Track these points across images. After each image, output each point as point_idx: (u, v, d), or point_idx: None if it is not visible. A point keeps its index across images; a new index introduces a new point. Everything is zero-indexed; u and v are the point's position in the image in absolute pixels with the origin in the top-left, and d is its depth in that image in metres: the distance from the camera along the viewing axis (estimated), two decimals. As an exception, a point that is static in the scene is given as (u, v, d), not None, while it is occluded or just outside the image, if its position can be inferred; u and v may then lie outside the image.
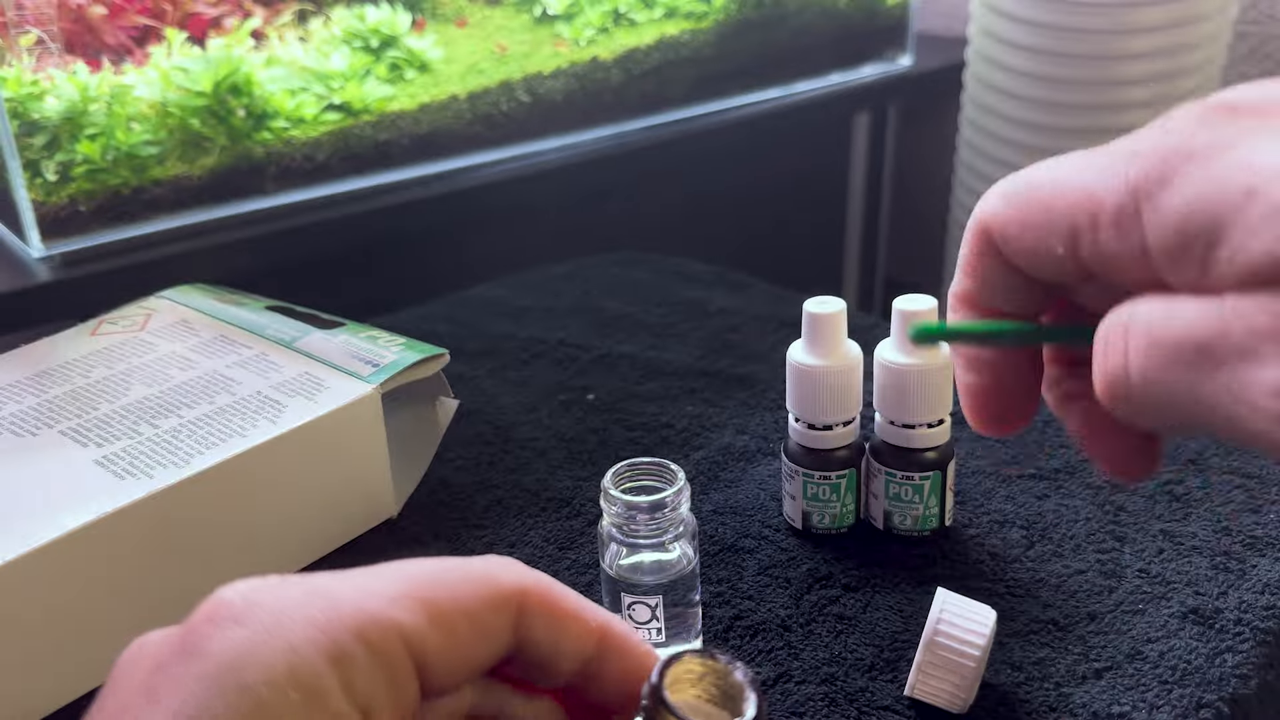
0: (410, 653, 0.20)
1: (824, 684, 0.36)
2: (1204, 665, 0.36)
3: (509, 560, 0.22)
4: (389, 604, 0.20)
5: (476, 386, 0.54)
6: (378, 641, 0.19)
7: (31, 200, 0.63)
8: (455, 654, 0.20)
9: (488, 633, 0.21)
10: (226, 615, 0.19)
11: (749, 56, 0.87)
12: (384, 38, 0.74)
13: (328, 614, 0.19)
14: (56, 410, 0.42)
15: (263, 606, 0.19)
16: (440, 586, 0.20)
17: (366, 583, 0.20)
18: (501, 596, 0.21)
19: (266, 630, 0.19)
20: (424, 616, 0.20)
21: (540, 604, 0.21)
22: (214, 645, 0.18)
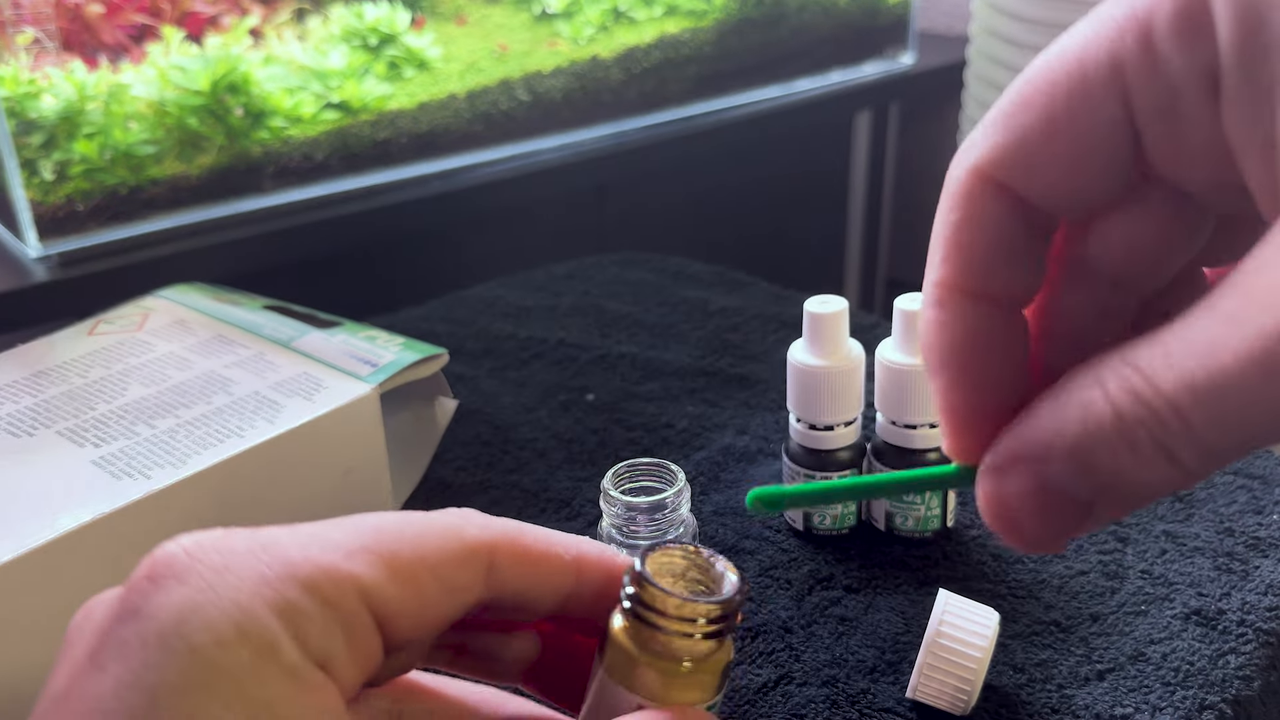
0: (369, 606, 0.19)
1: (825, 686, 0.35)
2: (1207, 667, 0.35)
3: (472, 512, 0.22)
4: (344, 557, 0.19)
5: (476, 386, 0.54)
6: (331, 594, 0.18)
7: (29, 200, 0.63)
8: (419, 608, 0.20)
9: (454, 587, 0.20)
10: (167, 572, 0.18)
11: (750, 55, 0.87)
12: (382, 36, 0.73)
13: (275, 568, 0.18)
14: (53, 410, 0.41)
15: (205, 562, 0.18)
16: (401, 540, 0.20)
17: (321, 534, 0.19)
18: (468, 550, 0.20)
19: (210, 586, 0.18)
20: (383, 570, 0.19)
21: (510, 554, 0.21)
22: (156, 605, 0.18)
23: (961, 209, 0.19)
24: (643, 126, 0.83)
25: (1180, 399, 0.15)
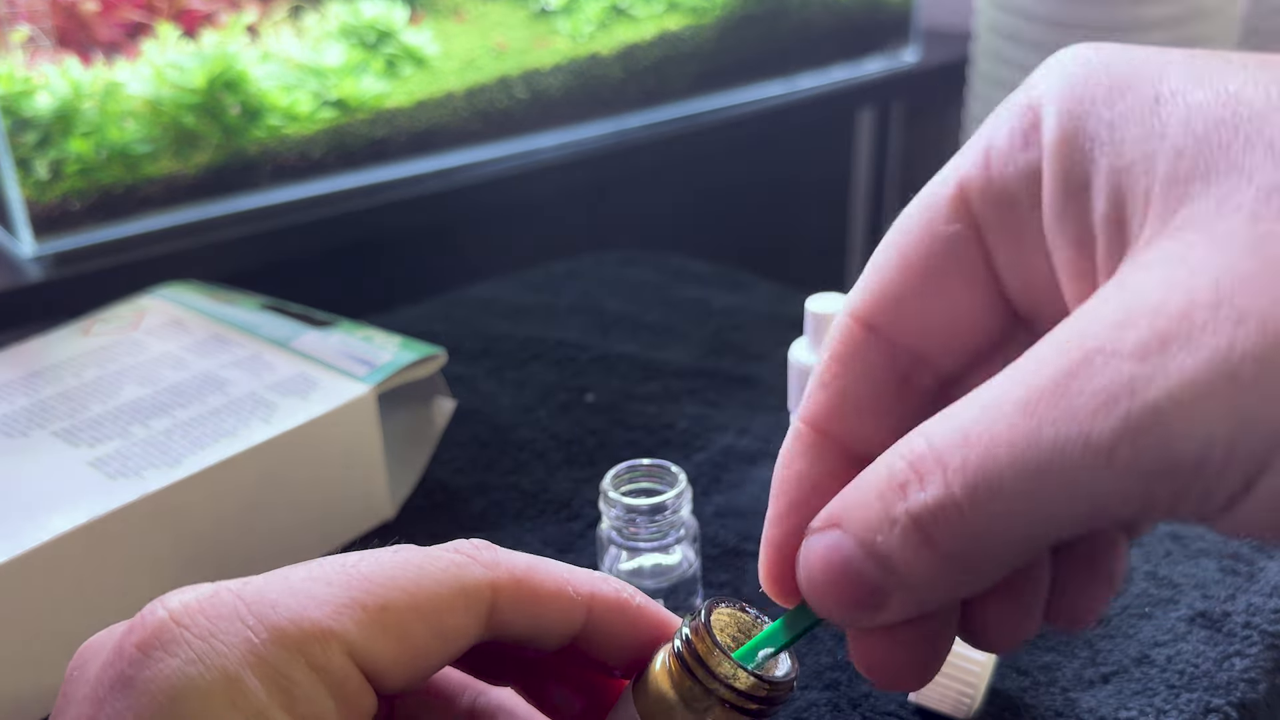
0: (359, 664, 0.19)
1: (828, 689, 0.35)
2: (1212, 669, 0.35)
3: (479, 546, 0.21)
4: (332, 614, 0.19)
5: (474, 387, 0.53)
6: (318, 658, 0.18)
7: (24, 198, 0.63)
8: (411, 660, 0.19)
9: (447, 633, 0.20)
10: (155, 642, 0.18)
11: (751, 51, 0.87)
12: (380, 32, 0.73)
13: (261, 634, 0.18)
14: (48, 411, 0.41)
15: (193, 630, 0.18)
16: (394, 589, 0.19)
17: (308, 589, 0.19)
18: (466, 596, 0.20)
19: (199, 657, 0.18)
20: (373, 625, 0.19)
21: (514, 597, 0.20)
22: (147, 678, 0.18)
23: (833, 350, 0.19)
24: (643, 124, 0.83)
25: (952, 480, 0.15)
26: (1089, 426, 0.14)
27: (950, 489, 0.15)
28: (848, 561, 0.17)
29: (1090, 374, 0.14)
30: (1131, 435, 0.14)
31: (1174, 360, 0.14)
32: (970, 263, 0.18)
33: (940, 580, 0.16)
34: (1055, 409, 0.14)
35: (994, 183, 0.18)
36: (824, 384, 0.20)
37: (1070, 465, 0.14)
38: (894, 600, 0.17)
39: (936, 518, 0.16)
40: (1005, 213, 0.18)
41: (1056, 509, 0.15)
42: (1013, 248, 0.18)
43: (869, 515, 0.17)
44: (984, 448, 0.15)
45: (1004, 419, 0.15)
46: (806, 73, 0.90)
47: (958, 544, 0.16)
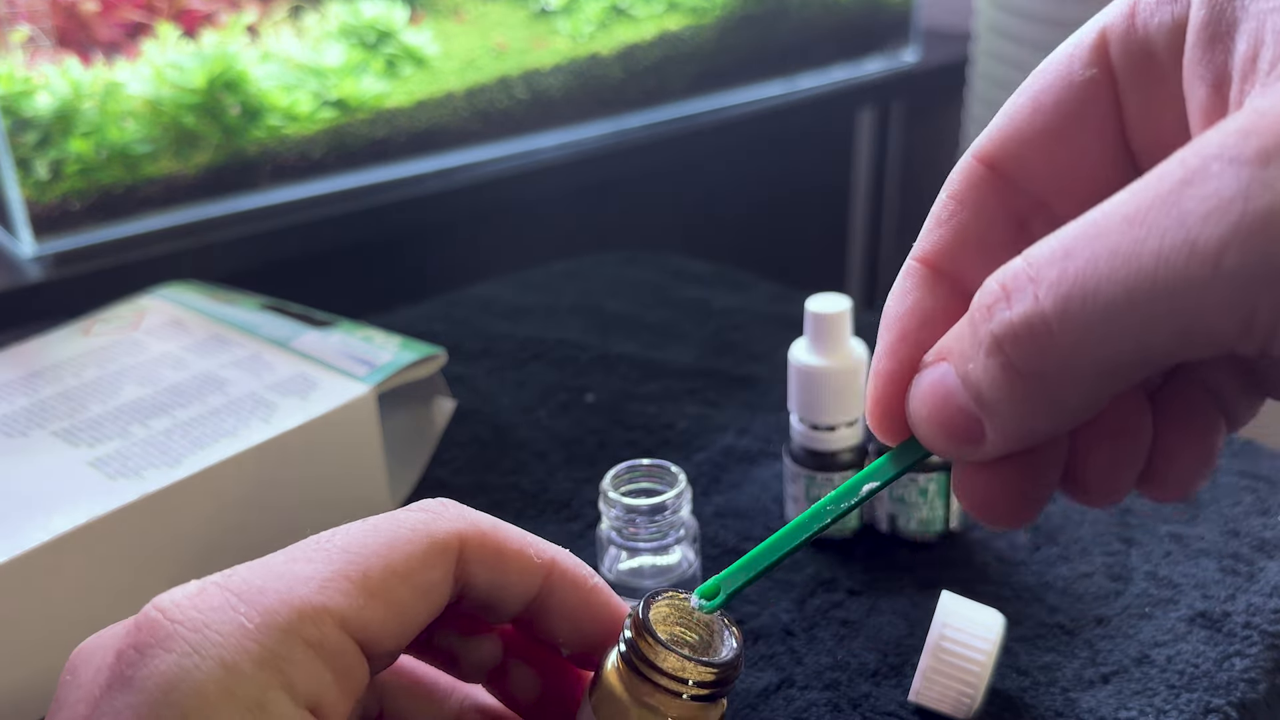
0: (351, 635, 0.19)
1: (828, 689, 0.35)
2: (1212, 669, 0.35)
3: (445, 503, 0.21)
4: (319, 590, 0.19)
5: (474, 387, 0.53)
6: (312, 635, 0.18)
7: (24, 198, 0.63)
8: (398, 622, 0.20)
9: (428, 590, 0.20)
10: (151, 640, 0.18)
11: (751, 52, 0.87)
12: (380, 32, 0.73)
13: (254, 619, 0.18)
14: (48, 411, 0.41)
15: (186, 624, 0.18)
16: (370, 555, 0.19)
17: (291, 570, 0.19)
18: (437, 549, 0.20)
19: (194, 650, 0.18)
20: (360, 594, 0.19)
21: (479, 548, 0.21)
22: (144, 674, 0.18)
23: (952, 188, 0.19)
24: (643, 124, 0.83)
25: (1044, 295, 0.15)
26: (1197, 231, 0.14)
27: (1040, 304, 0.15)
28: (950, 393, 0.17)
29: (1206, 180, 0.14)
30: (1242, 240, 0.13)
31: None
32: (1101, 109, 0.18)
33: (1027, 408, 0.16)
34: (1165, 217, 0.14)
35: (1137, 32, 0.18)
36: (941, 221, 0.19)
37: (1174, 274, 0.14)
38: (990, 432, 0.17)
39: (1020, 336, 0.15)
40: (1144, 63, 0.18)
41: (1154, 327, 0.14)
42: (1146, 99, 0.18)
43: (964, 343, 0.16)
44: (1084, 260, 0.14)
45: (1111, 231, 0.14)
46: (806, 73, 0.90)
47: (1041, 363, 0.15)
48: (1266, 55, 0.15)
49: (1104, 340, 0.15)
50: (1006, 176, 0.19)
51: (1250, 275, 0.13)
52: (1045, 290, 0.15)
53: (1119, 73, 0.18)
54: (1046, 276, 0.15)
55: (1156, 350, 0.15)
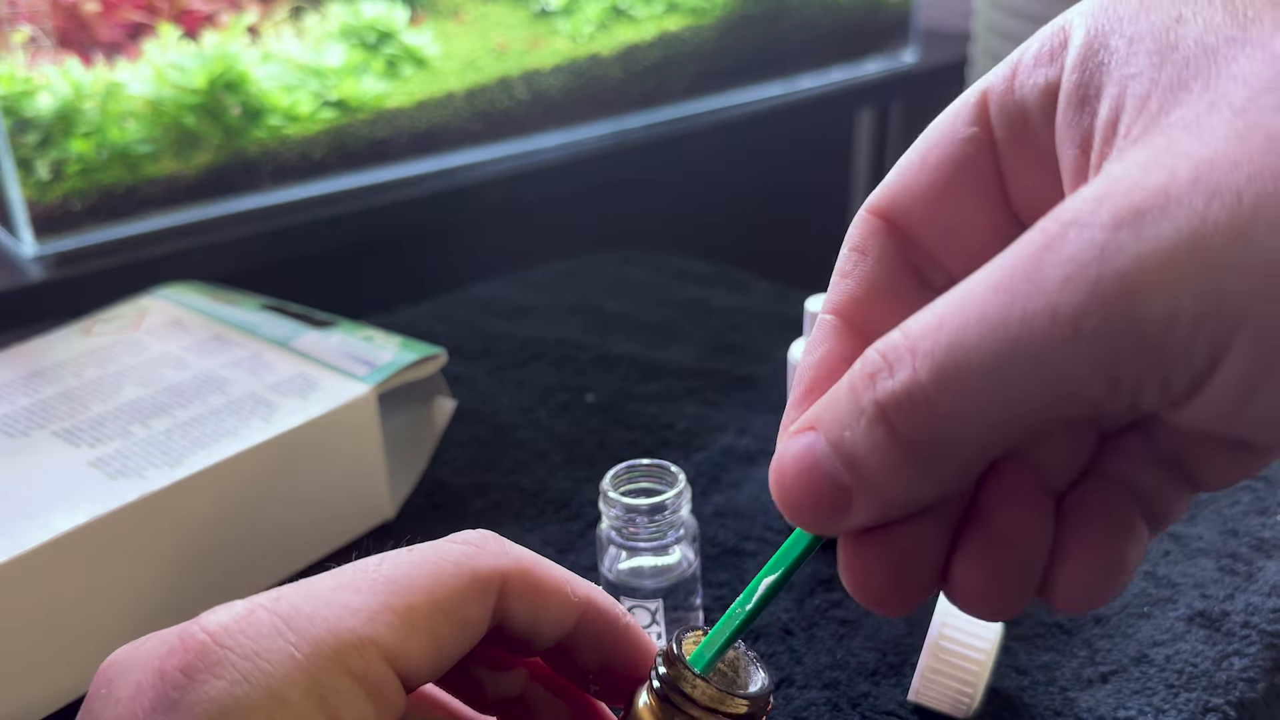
0: (393, 666, 0.19)
1: (827, 689, 0.35)
2: (1211, 669, 0.35)
3: (487, 537, 0.21)
4: (367, 622, 0.19)
5: (474, 387, 0.54)
6: (358, 666, 0.19)
7: (25, 198, 0.63)
8: (437, 655, 0.20)
9: (467, 625, 0.20)
10: (199, 664, 0.18)
11: (750, 52, 0.87)
12: (380, 33, 0.73)
13: (304, 648, 0.18)
14: (49, 411, 0.41)
15: (236, 650, 0.18)
16: (416, 589, 0.20)
17: (339, 599, 0.19)
18: (480, 585, 0.20)
19: (245, 678, 0.18)
20: (403, 629, 0.19)
21: (520, 586, 0.21)
22: (193, 700, 0.18)
23: (853, 241, 0.20)
24: (643, 124, 0.83)
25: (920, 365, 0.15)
26: (1057, 297, 0.14)
27: (918, 374, 0.15)
28: (816, 461, 0.17)
29: (1063, 245, 0.14)
30: (1099, 304, 0.14)
31: (1147, 229, 0.14)
32: (982, 168, 0.19)
33: (904, 474, 0.16)
34: (1027, 283, 0.14)
35: (1014, 93, 0.18)
36: (845, 273, 0.20)
37: (1038, 339, 0.14)
38: (859, 499, 0.17)
39: (901, 404, 0.16)
40: (1019, 123, 0.18)
41: (1023, 389, 0.15)
42: (1022, 159, 0.18)
43: (839, 410, 0.17)
44: (955, 329, 0.15)
45: (977, 300, 0.15)
46: (806, 73, 0.90)
47: (922, 432, 0.16)
48: (1125, 120, 0.16)
49: (980, 405, 0.15)
50: (900, 230, 0.20)
51: (1108, 336, 0.14)
52: (921, 360, 0.15)
53: (997, 133, 0.19)
54: (921, 346, 0.15)
55: (1030, 412, 0.15)
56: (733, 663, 0.22)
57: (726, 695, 0.20)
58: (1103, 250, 0.14)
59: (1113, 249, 0.14)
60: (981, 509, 0.17)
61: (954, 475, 0.16)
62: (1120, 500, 0.18)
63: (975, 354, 0.15)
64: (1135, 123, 0.15)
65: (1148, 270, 0.14)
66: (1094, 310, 0.14)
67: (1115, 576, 0.18)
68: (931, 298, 0.18)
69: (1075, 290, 0.14)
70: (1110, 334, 0.14)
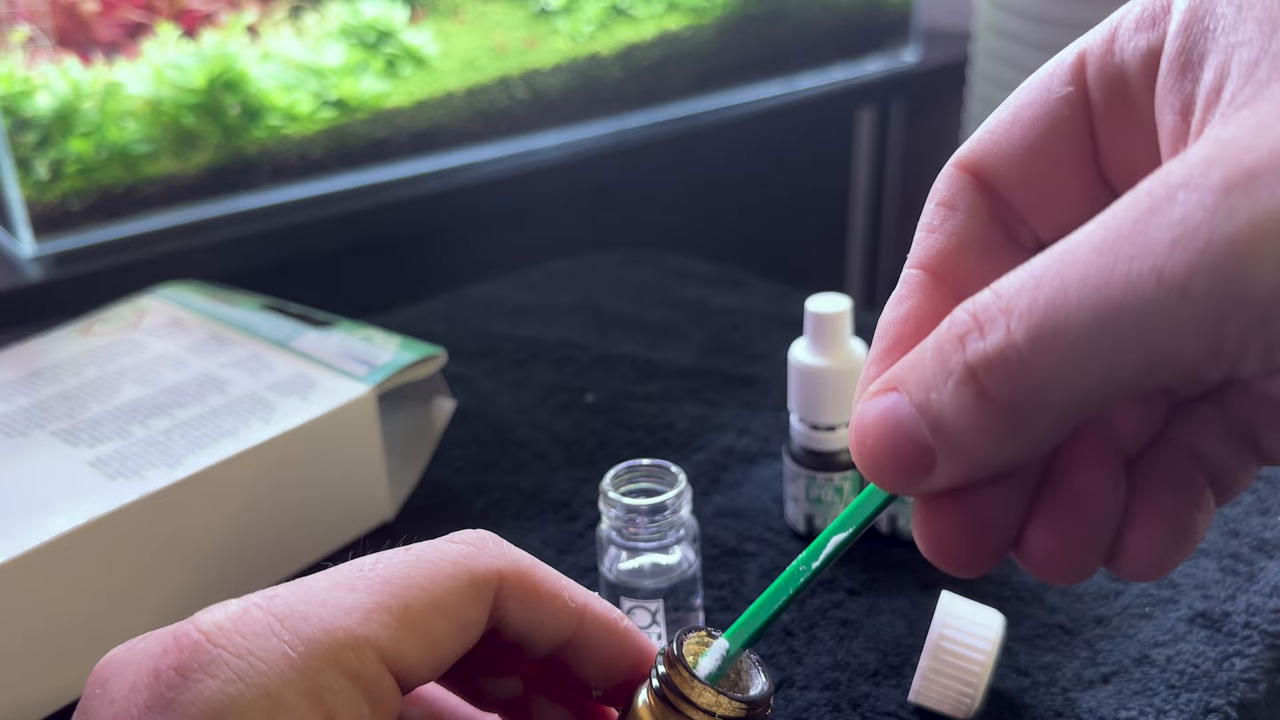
0: (389, 666, 0.19)
1: (827, 689, 0.35)
2: (1212, 669, 0.35)
3: (485, 537, 0.21)
4: (362, 621, 0.19)
5: (474, 387, 0.53)
6: (353, 665, 0.19)
7: (24, 198, 0.63)
8: (434, 655, 0.20)
9: (465, 626, 0.20)
10: (194, 663, 0.18)
11: (751, 51, 0.87)
12: (380, 32, 0.73)
13: (298, 647, 0.18)
14: (48, 411, 0.41)
15: (230, 649, 0.18)
16: (412, 588, 0.20)
17: (334, 598, 0.19)
18: (477, 586, 0.20)
19: (239, 677, 0.18)
20: (398, 628, 0.19)
21: (517, 587, 0.21)
22: (187, 699, 0.18)
23: (940, 196, 0.20)
24: (643, 124, 0.83)
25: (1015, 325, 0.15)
26: (1165, 260, 0.14)
27: (1012, 335, 0.15)
28: (901, 422, 0.17)
29: (1171, 208, 0.14)
30: (1209, 267, 0.14)
31: (1260, 194, 0.13)
32: (1075, 129, 0.18)
33: (991, 438, 0.16)
34: (1133, 245, 0.14)
35: (1113, 55, 0.18)
36: (933, 227, 0.19)
37: (1142, 302, 0.14)
38: (942, 463, 0.16)
39: (994, 366, 0.15)
40: (1118, 87, 0.18)
41: (1123, 353, 0.14)
42: (1118, 122, 0.18)
43: (925, 372, 0.16)
44: (1053, 290, 0.15)
45: (1079, 261, 0.15)
46: (806, 73, 0.90)
47: (1013, 395, 0.15)
48: (1230, 87, 0.15)
49: (1076, 368, 0.15)
50: (989, 186, 0.19)
51: (1216, 300, 0.14)
52: (1016, 321, 0.15)
53: (1093, 94, 0.18)
54: (1017, 307, 0.15)
55: (1127, 376, 0.15)
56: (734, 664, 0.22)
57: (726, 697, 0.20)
58: (1214, 214, 0.14)
59: (1224, 213, 0.14)
60: (1056, 472, 0.17)
61: (1041, 440, 0.16)
62: (1189, 468, 0.17)
63: (1075, 315, 0.14)
64: (1242, 89, 0.15)
65: (1261, 235, 0.13)
66: (1203, 274, 0.14)
67: (1182, 544, 0.17)
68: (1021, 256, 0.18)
69: (1184, 253, 0.14)
70: (1218, 299, 0.14)
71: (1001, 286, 0.16)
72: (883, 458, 0.17)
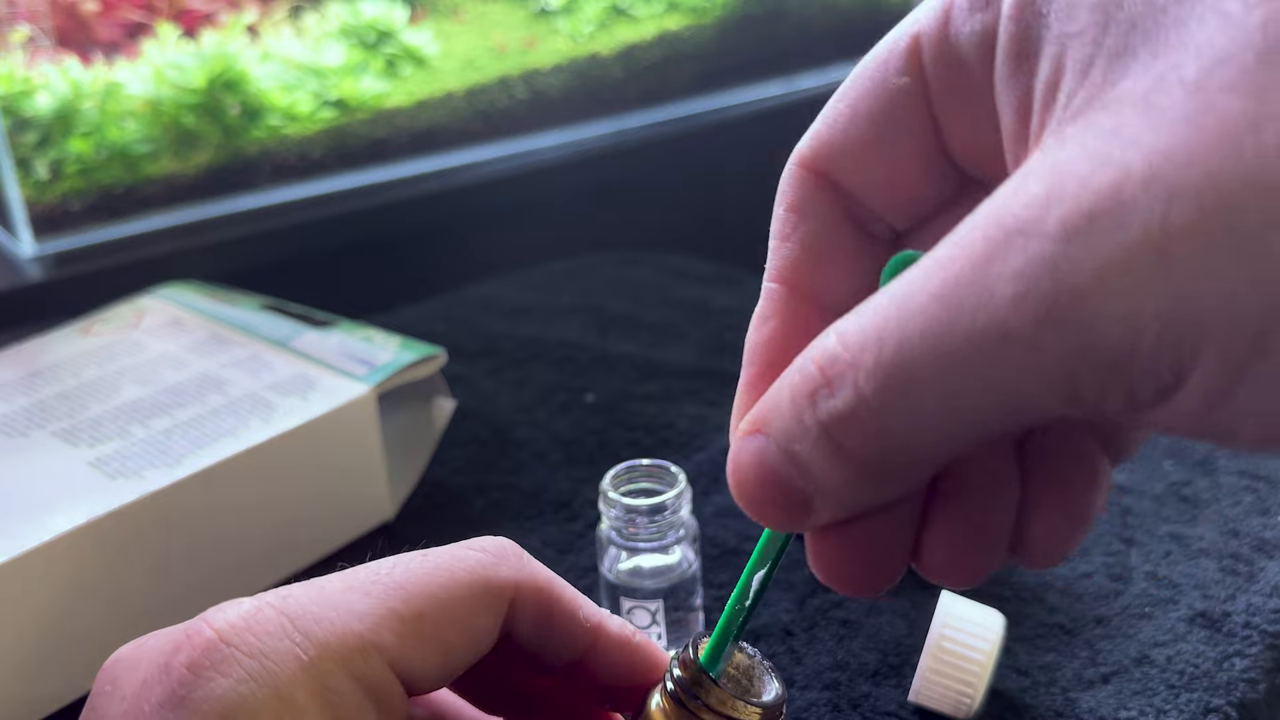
0: (397, 672, 0.19)
1: (827, 689, 0.35)
2: (1212, 669, 0.35)
3: (505, 548, 0.21)
4: (373, 627, 0.19)
5: (474, 387, 0.53)
6: (362, 669, 0.19)
7: (23, 198, 0.63)
8: (444, 663, 0.20)
9: (476, 636, 0.20)
10: (206, 661, 0.18)
11: (751, 52, 0.87)
12: (380, 32, 0.73)
13: (310, 650, 0.18)
14: (48, 411, 0.41)
15: (242, 649, 0.18)
16: (426, 596, 0.20)
17: (347, 602, 0.19)
18: (491, 596, 0.20)
19: (251, 676, 0.18)
20: (410, 636, 0.19)
21: (532, 602, 0.21)
22: (199, 698, 0.18)
23: (787, 200, 0.19)
24: (643, 124, 0.83)
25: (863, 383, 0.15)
26: (1007, 314, 0.13)
27: (861, 392, 0.15)
28: (773, 468, 0.17)
29: (1009, 257, 0.13)
30: (1054, 322, 0.13)
31: (1102, 239, 0.13)
32: (916, 118, 0.18)
33: (859, 486, 0.16)
34: (973, 297, 0.14)
35: (948, 40, 0.17)
36: (784, 236, 0.19)
37: (989, 356, 0.14)
38: (819, 505, 0.16)
39: (847, 425, 0.15)
40: (955, 72, 0.17)
41: (976, 403, 0.14)
42: (959, 109, 0.17)
43: (786, 422, 0.16)
44: (897, 344, 0.14)
45: (919, 311, 0.14)
46: (806, 73, 0.90)
47: (872, 450, 0.15)
48: (1065, 86, 0.15)
49: (930, 420, 0.15)
50: (834, 183, 0.19)
51: (1066, 353, 0.13)
52: (864, 377, 0.15)
53: (931, 82, 0.18)
54: (864, 363, 0.15)
55: (982, 423, 0.14)
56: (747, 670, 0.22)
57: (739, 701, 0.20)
58: (1055, 266, 0.13)
59: (1065, 263, 0.13)
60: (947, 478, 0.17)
61: (909, 481, 0.16)
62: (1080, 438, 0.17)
63: (921, 371, 0.14)
64: (1077, 92, 0.14)
65: (1104, 285, 0.13)
66: (1049, 329, 0.13)
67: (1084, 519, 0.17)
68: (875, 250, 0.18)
69: (1027, 308, 0.13)
70: (1068, 352, 0.13)
71: (847, 334, 0.15)
72: (763, 502, 0.17)
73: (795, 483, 0.16)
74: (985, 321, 0.13)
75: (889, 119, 0.18)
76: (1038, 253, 0.13)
